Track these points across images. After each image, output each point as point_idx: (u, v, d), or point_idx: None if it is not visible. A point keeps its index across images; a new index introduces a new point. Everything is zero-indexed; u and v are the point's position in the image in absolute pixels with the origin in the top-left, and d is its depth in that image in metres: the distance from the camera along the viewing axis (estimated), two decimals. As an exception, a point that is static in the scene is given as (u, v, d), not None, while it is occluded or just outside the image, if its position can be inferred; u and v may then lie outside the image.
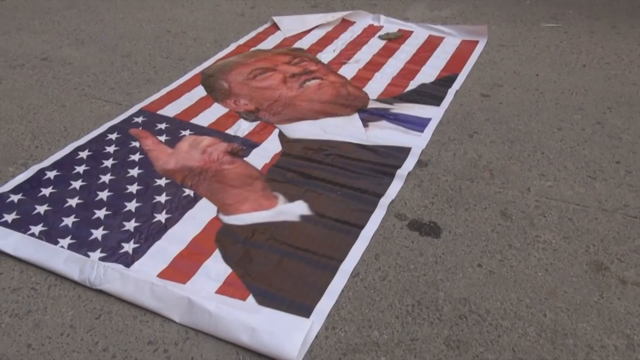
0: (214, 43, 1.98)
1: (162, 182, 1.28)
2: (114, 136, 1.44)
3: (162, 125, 1.48)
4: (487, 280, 1.02)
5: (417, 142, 1.41)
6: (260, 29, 2.08)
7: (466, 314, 0.96)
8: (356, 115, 1.53)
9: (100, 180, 1.28)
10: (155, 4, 2.34)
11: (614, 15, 2.20)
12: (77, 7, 2.30)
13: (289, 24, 2.09)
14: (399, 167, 1.32)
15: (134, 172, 1.31)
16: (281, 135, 1.45)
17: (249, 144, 1.41)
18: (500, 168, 1.32)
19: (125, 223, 1.15)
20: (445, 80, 1.72)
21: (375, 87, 1.68)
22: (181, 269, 1.05)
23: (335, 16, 2.15)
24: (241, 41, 1.98)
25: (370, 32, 2.07)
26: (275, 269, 1.05)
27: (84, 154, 1.37)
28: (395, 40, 1.99)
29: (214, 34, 2.05)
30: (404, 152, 1.37)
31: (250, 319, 0.93)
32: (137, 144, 1.41)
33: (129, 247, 1.09)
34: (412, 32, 2.05)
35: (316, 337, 0.92)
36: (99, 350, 0.91)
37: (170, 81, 1.71)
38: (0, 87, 1.69)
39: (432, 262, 1.06)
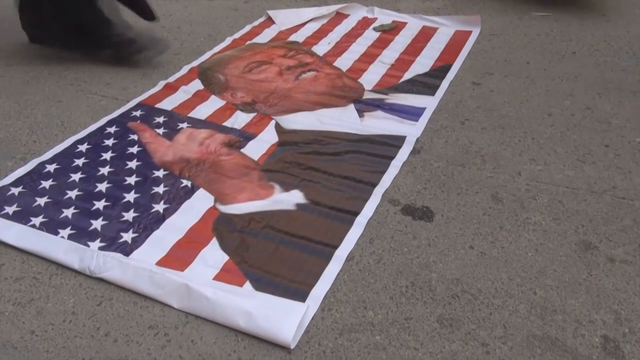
0: (208, 37, 1.99)
1: (160, 173, 1.30)
2: (112, 129, 1.46)
3: (160, 119, 1.50)
4: (478, 261, 1.05)
5: (411, 131, 1.43)
6: (256, 23, 2.10)
7: (458, 293, 0.98)
8: (352, 106, 1.56)
9: (100, 173, 1.30)
10: None
11: (603, 3, 2.22)
12: (72, 5, 2.31)
13: (284, 18, 2.11)
14: (394, 156, 1.34)
15: (133, 164, 1.33)
16: (277, 127, 1.47)
17: (245, 135, 1.43)
18: (492, 153, 1.35)
19: (124, 213, 1.17)
20: (439, 70, 1.74)
21: (370, 78, 1.70)
22: (179, 257, 1.07)
23: (330, 9, 2.17)
24: (237, 35, 2.00)
25: (364, 24, 2.09)
26: (271, 256, 1.07)
27: (83, 147, 1.39)
28: (390, 31, 2.01)
29: (208, 29, 2.06)
30: (399, 141, 1.39)
31: (247, 304, 0.95)
32: (135, 137, 1.43)
33: (127, 236, 1.11)
34: (406, 23, 2.07)
35: (312, 318, 0.94)
36: (101, 335, 0.93)
37: (165, 75, 1.72)
38: (-3, 84, 1.71)
39: (425, 244, 1.09)
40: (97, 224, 1.15)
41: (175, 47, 1.93)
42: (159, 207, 1.19)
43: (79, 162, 1.33)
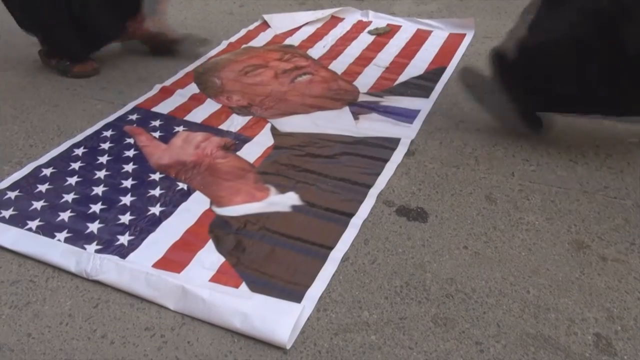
0: (203, 41, 2.00)
1: (156, 176, 1.30)
2: (108, 133, 1.47)
3: (156, 122, 1.51)
4: (472, 261, 1.05)
5: (406, 132, 1.44)
6: (251, 27, 2.11)
7: (453, 293, 0.99)
8: (347, 109, 1.57)
9: (96, 176, 1.30)
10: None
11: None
12: (68, 10, 2.32)
13: (279, 22, 2.12)
14: (389, 157, 1.35)
15: (129, 167, 1.34)
16: (273, 130, 1.48)
17: (241, 138, 1.44)
18: (485, 155, 1.36)
19: (120, 216, 1.18)
20: (433, 73, 1.75)
21: (365, 81, 1.71)
22: (175, 259, 1.07)
23: (325, 13, 2.18)
24: (233, 39, 2.01)
25: (359, 27, 2.10)
26: (267, 258, 1.08)
27: (79, 151, 1.39)
28: (384, 35, 2.02)
29: (204, 32, 2.07)
30: (394, 143, 1.40)
31: (243, 305, 0.95)
32: (131, 140, 1.44)
33: (124, 239, 1.12)
34: (400, 26, 2.08)
35: (308, 319, 0.95)
36: (98, 337, 0.93)
37: (161, 79, 1.73)
38: (-6, 88, 1.72)
39: (419, 245, 1.10)
40: (94, 227, 1.15)
41: (171, 51, 1.94)
42: (155, 209, 1.20)
43: (75, 165, 1.34)
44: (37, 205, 1.21)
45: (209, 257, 1.08)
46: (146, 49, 1.92)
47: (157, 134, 1.46)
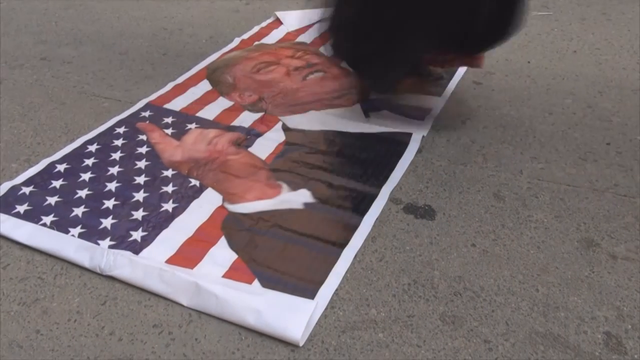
0: (210, 39, 2.01)
1: (168, 173, 1.31)
2: (121, 130, 1.47)
3: (169, 119, 1.51)
4: (481, 259, 1.05)
5: (418, 130, 1.44)
6: (264, 24, 2.10)
7: (461, 291, 0.99)
8: (358, 106, 1.56)
9: (109, 172, 1.31)
10: (151, 2, 2.37)
11: (604, 2, 2.22)
12: (74, 8, 2.33)
13: (292, 19, 2.11)
14: (401, 155, 1.34)
15: (142, 164, 1.34)
16: (285, 126, 1.48)
17: (253, 134, 1.44)
18: (493, 152, 1.35)
19: (133, 212, 1.18)
20: (445, 71, 1.74)
21: (376, 78, 1.71)
22: (188, 255, 1.08)
23: (337, 11, 2.17)
24: (245, 36, 2.00)
25: (369, 25, 2.09)
26: (279, 255, 1.07)
27: (93, 148, 1.40)
28: (394, 32, 2.01)
29: (210, 31, 2.07)
30: (406, 139, 1.40)
31: (256, 302, 0.95)
32: (144, 137, 1.44)
33: (137, 235, 1.12)
34: (410, 23, 2.07)
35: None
36: (106, 334, 0.94)
37: (169, 77, 1.73)
38: (1, 86, 1.72)
39: (427, 243, 1.09)
40: (107, 222, 1.16)
41: (178, 49, 1.94)
42: (168, 206, 1.20)
43: (89, 162, 1.35)
44: (52, 200, 1.22)
45: (222, 254, 1.08)
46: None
47: (169, 131, 1.46)
